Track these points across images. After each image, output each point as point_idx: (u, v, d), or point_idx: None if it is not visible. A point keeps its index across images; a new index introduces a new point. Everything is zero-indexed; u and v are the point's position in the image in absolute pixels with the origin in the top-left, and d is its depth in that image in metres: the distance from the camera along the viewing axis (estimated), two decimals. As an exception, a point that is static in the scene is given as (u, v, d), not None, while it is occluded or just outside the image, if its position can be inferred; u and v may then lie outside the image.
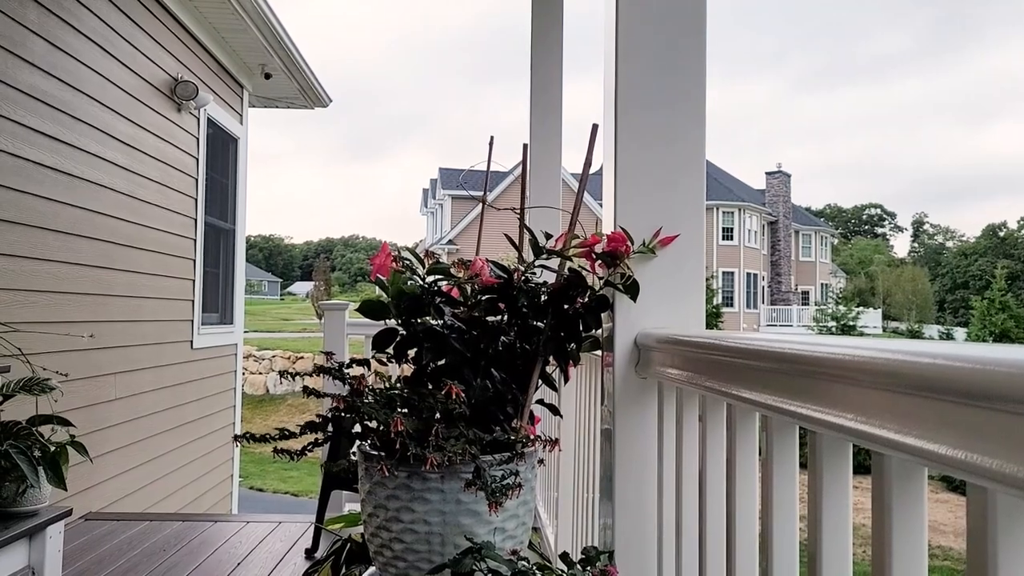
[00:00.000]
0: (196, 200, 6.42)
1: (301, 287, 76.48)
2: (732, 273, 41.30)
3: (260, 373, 24.85)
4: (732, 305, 40.68)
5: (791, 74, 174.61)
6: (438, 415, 1.51)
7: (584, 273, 1.72)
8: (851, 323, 33.94)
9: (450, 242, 34.27)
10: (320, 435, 1.72)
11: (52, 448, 2.30)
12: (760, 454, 1.19)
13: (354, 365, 1.75)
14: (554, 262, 1.73)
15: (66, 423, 2.40)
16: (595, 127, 1.80)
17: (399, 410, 1.53)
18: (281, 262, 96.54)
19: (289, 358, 24.82)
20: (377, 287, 1.72)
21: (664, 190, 1.71)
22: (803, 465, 1.07)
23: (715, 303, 31.06)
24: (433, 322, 1.70)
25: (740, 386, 1.18)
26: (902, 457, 0.77)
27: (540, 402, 1.76)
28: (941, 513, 16.58)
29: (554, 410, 1.92)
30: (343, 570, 1.87)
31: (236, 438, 1.64)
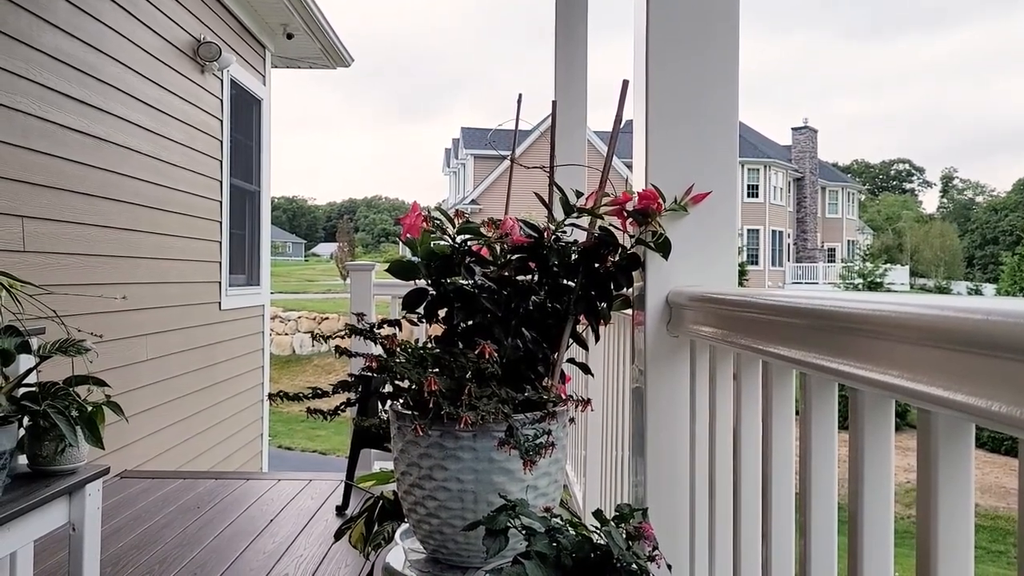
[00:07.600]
0: (221, 162, 6.44)
1: (325, 248, 76.76)
2: (757, 230, 40.92)
3: (286, 334, 25.10)
4: (757, 263, 40.37)
5: (834, 25, 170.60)
6: (470, 374, 1.51)
7: (615, 231, 1.70)
8: (878, 280, 33.56)
9: (473, 202, 34.18)
10: (352, 395, 1.73)
11: (89, 408, 2.33)
12: (796, 413, 1.18)
13: (385, 325, 1.76)
14: (584, 220, 1.71)
15: (101, 383, 2.42)
16: (625, 83, 1.76)
17: (431, 370, 1.53)
18: (304, 223, 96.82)
19: (315, 319, 25.02)
20: (401, 247, 1.71)
21: (696, 146, 1.69)
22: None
23: (740, 261, 30.83)
24: (463, 282, 1.69)
25: (777, 343, 1.17)
26: (950, 414, 0.76)
27: (571, 361, 1.76)
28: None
29: (585, 369, 1.92)
30: (376, 526, 1.89)
31: (270, 397, 1.66)
